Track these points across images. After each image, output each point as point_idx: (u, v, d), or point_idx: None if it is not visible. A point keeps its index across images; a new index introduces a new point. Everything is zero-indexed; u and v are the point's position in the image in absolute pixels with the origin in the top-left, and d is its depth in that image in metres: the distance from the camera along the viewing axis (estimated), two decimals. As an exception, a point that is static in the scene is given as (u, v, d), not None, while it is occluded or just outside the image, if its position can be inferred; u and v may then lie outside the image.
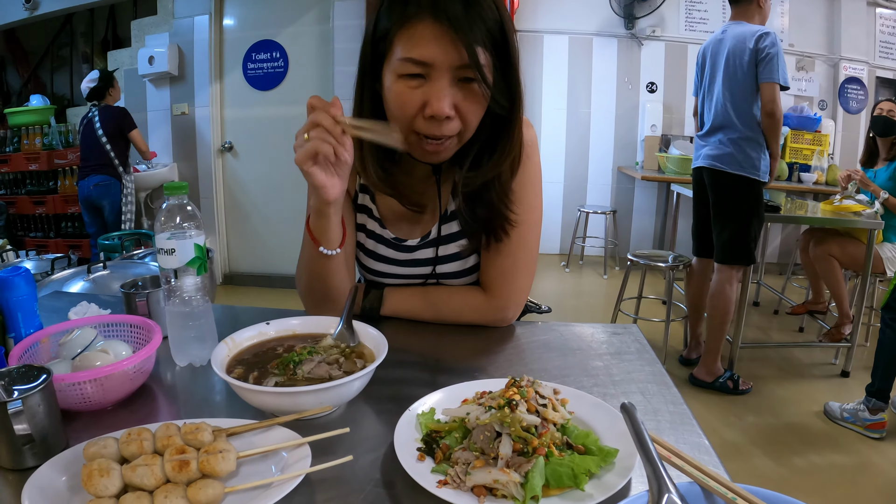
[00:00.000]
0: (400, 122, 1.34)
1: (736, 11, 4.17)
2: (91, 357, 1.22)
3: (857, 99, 7.70)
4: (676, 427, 1.13)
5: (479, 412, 1.00)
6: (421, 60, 1.27)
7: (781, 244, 7.79)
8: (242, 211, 6.89)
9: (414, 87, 1.30)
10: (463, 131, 1.35)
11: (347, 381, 1.08)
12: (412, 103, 1.30)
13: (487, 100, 1.34)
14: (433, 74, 1.28)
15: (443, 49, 1.25)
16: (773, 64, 3.88)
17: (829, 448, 3.61)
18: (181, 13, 6.52)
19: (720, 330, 4.34)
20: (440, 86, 1.28)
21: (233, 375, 1.15)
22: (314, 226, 1.38)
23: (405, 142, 1.35)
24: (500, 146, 1.44)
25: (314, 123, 1.21)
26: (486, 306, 1.58)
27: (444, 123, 1.31)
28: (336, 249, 1.40)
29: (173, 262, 1.31)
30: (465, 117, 1.33)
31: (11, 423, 0.97)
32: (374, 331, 1.29)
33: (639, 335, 1.55)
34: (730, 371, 4.44)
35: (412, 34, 1.27)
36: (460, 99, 1.30)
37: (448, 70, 1.27)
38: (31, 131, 6.63)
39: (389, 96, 1.34)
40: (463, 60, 1.26)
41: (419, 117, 1.31)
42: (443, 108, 1.27)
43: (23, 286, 1.36)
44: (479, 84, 1.29)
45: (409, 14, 1.27)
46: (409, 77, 1.30)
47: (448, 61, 1.26)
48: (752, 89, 4.01)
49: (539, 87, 7.75)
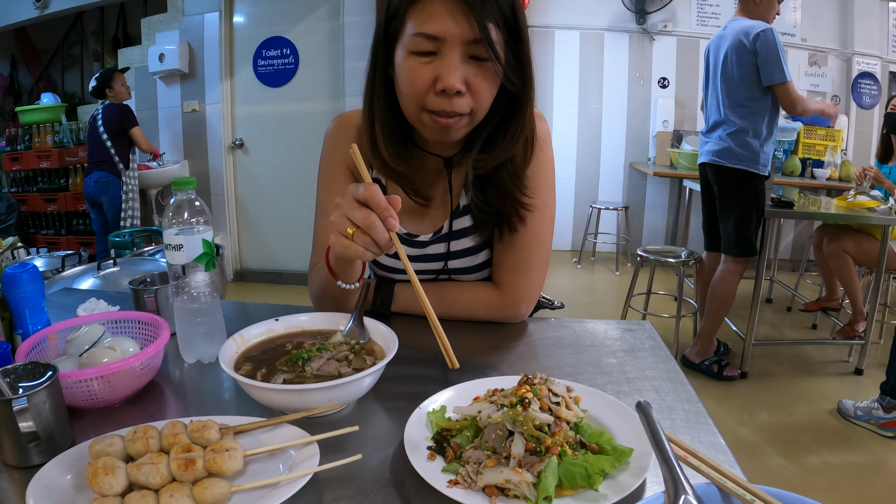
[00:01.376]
0: (411, 99, 1.33)
1: (740, 6, 4.21)
2: (98, 354, 1.20)
3: (871, 94, 7.65)
4: (692, 426, 1.11)
5: (490, 410, 0.98)
6: (433, 35, 1.25)
7: (794, 240, 7.75)
8: (253, 208, 6.91)
9: (425, 63, 1.28)
10: (475, 110, 1.33)
11: (357, 378, 1.06)
12: (423, 78, 1.29)
13: (499, 78, 1.32)
14: (444, 49, 1.27)
15: (454, 23, 1.24)
16: (775, 64, 3.92)
17: (843, 446, 3.58)
18: (191, 10, 6.54)
19: (716, 316, 4.46)
20: (451, 59, 1.26)
21: (241, 372, 1.14)
22: (335, 266, 1.33)
23: (418, 121, 1.36)
24: (512, 127, 1.43)
25: (368, 226, 1.12)
26: (499, 302, 1.57)
27: (454, 99, 1.29)
28: (355, 284, 1.36)
29: (181, 258, 1.29)
30: (477, 94, 1.31)
31: (17, 421, 0.96)
32: (384, 327, 1.28)
33: (652, 332, 1.53)
34: (718, 356, 4.52)
35: (423, 9, 1.26)
36: (472, 75, 1.29)
37: (460, 45, 1.26)
38: (43, 129, 6.65)
39: (401, 73, 1.33)
40: (475, 35, 1.24)
41: (430, 93, 1.30)
42: (454, 82, 1.26)
43: (30, 283, 1.35)
44: (491, 61, 1.28)
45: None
46: (421, 53, 1.28)
47: (460, 35, 1.25)
48: (749, 87, 4.05)
49: (550, 83, 7.72)
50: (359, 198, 1.12)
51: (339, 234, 1.15)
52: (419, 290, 1.15)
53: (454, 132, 1.36)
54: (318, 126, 6.15)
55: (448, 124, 1.33)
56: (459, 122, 1.34)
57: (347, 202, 1.14)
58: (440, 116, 1.32)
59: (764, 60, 3.92)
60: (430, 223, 1.60)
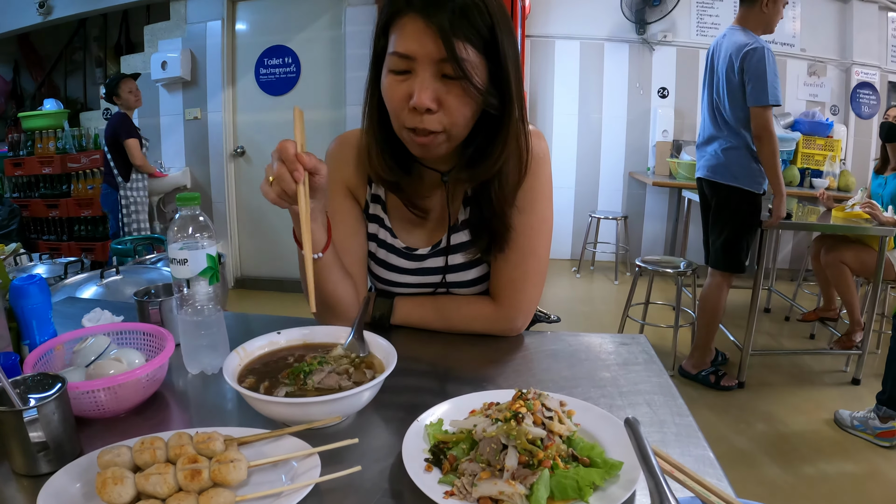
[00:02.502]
0: (392, 115, 1.39)
1: (741, 13, 4.12)
2: (105, 365, 1.24)
3: (870, 104, 7.67)
4: (682, 439, 1.14)
5: (485, 424, 1.01)
6: (404, 54, 1.31)
7: (793, 249, 7.76)
8: (254, 215, 6.94)
9: (401, 81, 1.34)
10: (449, 127, 1.37)
11: (356, 392, 1.09)
12: (398, 96, 1.34)
13: (476, 98, 1.35)
14: (416, 68, 1.31)
15: (423, 43, 1.29)
16: (760, 84, 3.85)
17: (839, 456, 3.60)
18: (194, 18, 6.57)
19: (708, 329, 4.49)
20: (421, 78, 1.31)
21: (244, 385, 1.17)
22: (296, 230, 1.39)
23: (402, 138, 1.42)
24: (494, 146, 1.45)
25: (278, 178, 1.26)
26: (496, 316, 1.59)
27: (425, 116, 1.33)
28: (318, 254, 1.41)
29: (186, 272, 1.33)
30: (450, 112, 1.34)
31: (27, 431, 0.99)
32: (384, 341, 1.30)
33: (646, 346, 1.56)
34: (714, 366, 4.54)
35: (400, 28, 1.32)
36: (444, 93, 1.32)
37: (430, 64, 1.30)
38: (45, 135, 6.66)
39: (382, 90, 1.39)
40: (442, 54, 1.28)
41: (405, 111, 1.34)
42: (422, 99, 1.30)
43: (37, 294, 1.38)
44: (461, 79, 1.31)
45: (398, 8, 1.32)
46: (397, 72, 1.34)
47: (429, 55, 1.29)
48: (739, 105, 4.02)
49: (550, 93, 7.77)
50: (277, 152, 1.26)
51: (265, 181, 1.27)
52: None
53: (432, 149, 1.40)
54: (320, 135, 6.19)
55: (424, 142, 1.37)
56: (435, 139, 1.37)
57: (273, 158, 1.27)
58: (416, 134, 1.36)
59: (750, 80, 3.87)
60: (428, 237, 1.63)
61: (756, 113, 3.90)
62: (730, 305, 4.91)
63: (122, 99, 5.84)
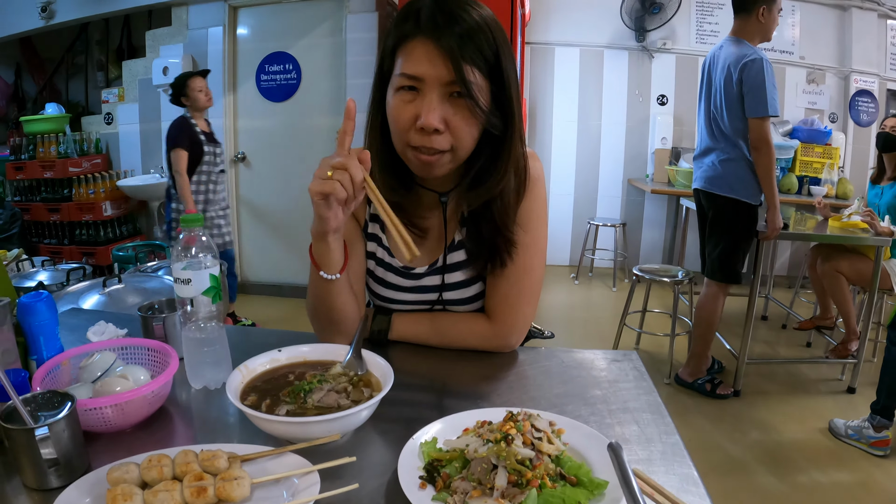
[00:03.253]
0: (396, 135, 1.43)
1: (737, 24, 4.15)
2: (111, 382, 1.27)
3: (868, 111, 7.70)
4: (668, 458, 1.17)
5: (477, 444, 1.05)
6: (413, 75, 1.35)
7: (791, 256, 7.79)
8: (254, 221, 6.98)
9: (408, 101, 1.38)
10: (456, 147, 1.41)
11: (354, 411, 1.13)
12: (406, 116, 1.38)
13: (480, 119, 1.40)
14: (424, 89, 1.36)
15: (433, 65, 1.34)
16: (759, 96, 3.87)
17: (833, 465, 3.64)
18: (195, 24, 6.62)
19: (704, 338, 4.53)
20: (429, 99, 1.35)
21: (246, 403, 1.21)
22: (316, 251, 1.43)
23: (405, 157, 1.45)
24: (497, 166, 1.50)
25: (343, 167, 1.26)
26: (491, 333, 1.63)
27: (433, 136, 1.37)
28: (336, 274, 1.45)
29: (189, 292, 1.37)
30: (456, 132, 1.39)
31: (39, 448, 1.03)
32: (382, 360, 1.34)
33: (637, 363, 1.59)
34: (710, 374, 4.56)
35: (409, 51, 1.36)
36: (451, 114, 1.37)
37: (438, 85, 1.35)
38: (47, 139, 6.69)
39: (388, 110, 1.43)
40: (451, 77, 1.34)
41: (412, 130, 1.38)
42: (430, 120, 1.34)
43: (45, 311, 1.42)
44: (468, 100, 1.36)
45: (407, 32, 1.37)
46: (405, 90, 1.38)
47: (437, 77, 1.34)
48: (737, 116, 4.04)
49: (550, 99, 7.81)
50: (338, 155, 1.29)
51: (319, 178, 1.28)
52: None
53: (436, 168, 1.44)
54: (320, 141, 6.25)
55: (429, 161, 1.41)
56: (441, 158, 1.42)
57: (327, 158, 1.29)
58: (421, 153, 1.40)
59: (748, 91, 3.90)
60: (425, 256, 1.67)
61: (754, 124, 3.93)
62: (727, 313, 4.95)
63: (191, 99, 5.28)
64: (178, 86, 5.26)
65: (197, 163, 5.25)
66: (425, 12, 1.36)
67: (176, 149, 5.13)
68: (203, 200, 5.37)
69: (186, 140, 5.17)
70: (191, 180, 5.22)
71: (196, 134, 5.23)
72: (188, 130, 5.21)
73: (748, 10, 4.04)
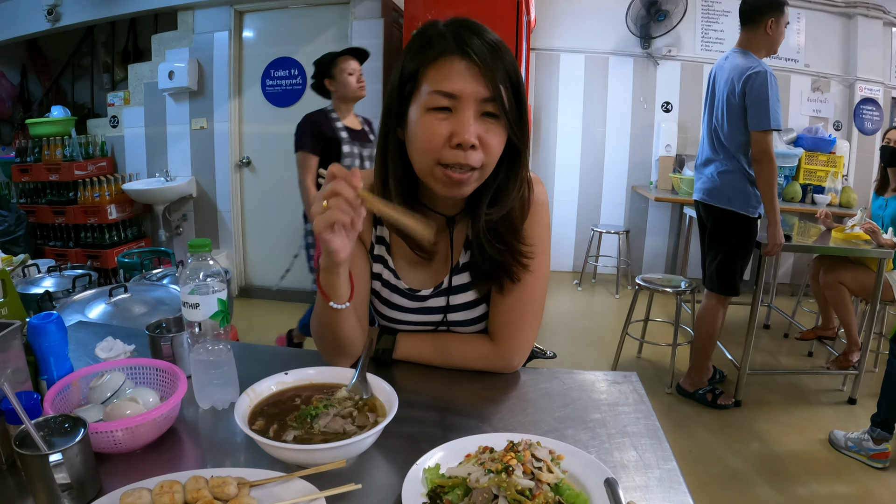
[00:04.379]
0: (427, 154, 1.43)
1: (743, 36, 4.16)
2: (122, 406, 1.30)
3: (873, 120, 7.70)
4: (665, 484, 1.19)
5: (479, 474, 1.08)
6: (450, 93, 1.37)
7: (794, 264, 7.81)
8: (259, 225, 7.00)
9: (441, 119, 1.39)
10: (485, 165, 1.44)
11: (359, 439, 1.16)
12: (440, 134, 1.39)
13: (506, 134, 1.43)
14: (460, 106, 1.38)
15: (470, 82, 1.37)
16: (762, 109, 3.88)
17: (832, 477, 3.65)
18: (201, 29, 6.65)
19: (704, 349, 4.55)
20: (467, 116, 1.38)
21: (254, 428, 1.24)
22: (324, 282, 1.44)
23: (431, 176, 1.46)
24: (513, 178, 1.53)
25: (334, 193, 1.27)
26: (493, 355, 1.66)
27: (469, 153, 1.39)
28: (345, 304, 1.46)
29: (198, 316, 1.40)
30: (488, 149, 1.41)
31: (52, 473, 1.06)
32: (387, 386, 1.36)
33: (637, 385, 1.62)
34: (711, 384, 4.58)
35: (440, 69, 1.39)
36: (483, 131, 1.40)
37: (474, 102, 1.38)
38: (52, 142, 6.70)
39: (417, 129, 1.43)
40: (488, 94, 1.37)
41: (446, 147, 1.40)
42: (469, 136, 1.37)
43: (55, 332, 1.44)
44: (501, 117, 1.40)
45: (437, 52, 1.39)
46: (438, 110, 1.40)
47: (474, 94, 1.37)
48: (738, 128, 4.06)
49: (555, 106, 7.83)
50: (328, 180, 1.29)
51: (316, 213, 1.29)
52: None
53: (465, 186, 1.46)
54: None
55: (461, 179, 1.43)
56: (472, 176, 1.44)
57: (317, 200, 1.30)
58: (453, 171, 1.42)
59: (751, 104, 3.90)
60: (431, 279, 1.70)
61: (757, 137, 3.94)
62: (729, 322, 4.97)
63: (337, 82, 4.33)
64: (324, 65, 4.38)
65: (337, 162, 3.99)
66: (449, 33, 1.39)
67: (300, 151, 4.28)
68: None
69: (317, 140, 4.26)
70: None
71: (335, 130, 4.29)
72: (322, 127, 4.28)
73: (756, 22, 4.05)
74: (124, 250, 6.06)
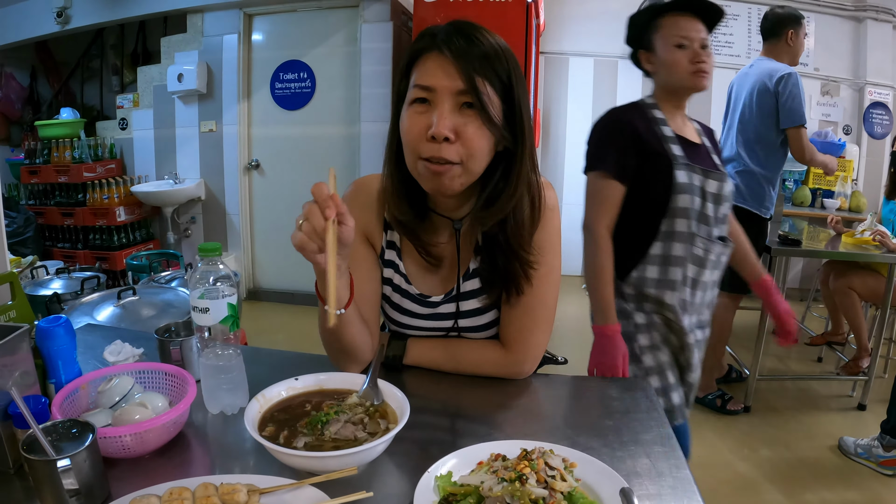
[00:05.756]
0: (408, 147, 1.45)
1: (766, 48, 4.30)
2: (130, 410, 1.29)
3: (882, 124, 7.65)
4: (678, 492, 1.18)
5: (492, 482, 1.07)
6: (425, 86, 1.40)
7: (804, 269, 7.76)
8: (267, 228, 7.00)
9: (421, 112, 1.41)
10: (466, 160, 1.42)
11: (371, 446, 1.15)
12: (418, 127, 1.41)
13: (491, 129, 1.42)
14: (436, 99, 1.39)
15: (444, 75, 1.38)
16: (795, 106, 4.00)
17: (842, 484, 3.62)
18: (210, 31, 6.65)
19: (714, 351, 4.51)
20: (441, 109, 1.38)
21: (264, 434, 1.23)
22: (320, 286, 1.41)
23: (416, 171, 1.47)
24: (508, 185, 1.52)
25: (306, 217, 1.27)
26: (505, 361, 1.65)
27: (444, 145, 1.39)
28: (341, 310, 1.43)
29: (207, 320, 1.39)
30: (468, 143, 1.40)
31: (60, 479, 1.05)
32: (398, 392, 1.35)
33: (650, 392, 1.60)
34: (721, 390, 4.56)
35: (422, 64, 1.42)
36: (461, 124, 1.39)
37: (449, 95, 1.38)
38: (62, 144, 6.70)
39: (402, 125, 1.46)
40: (462, 86, 1.37)
41: (422, 140, 1.40)
42: (441, 128, 1.37)
43: (63, 336, 1.43)
44: (478, 108, 1.39)
45: (421, 48, 1.43)
46: (418, 103, 1.42)
47: (449, 87, 1.38)
48: (765, 128, 4.14)
49: (564, 109, 7.80)
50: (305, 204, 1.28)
51: (296, 229, 1.29)
52: None
53: (447, 180, 1.44)
54: (334, 150, 6.28)
55: (439, 171, 1.42)
56: (451, 170, 1.42)
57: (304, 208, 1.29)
58: (432, 163, 1.41)
59: (785, 103, 4.00)
60: (441, 285, 1.68)
61: (793, 133, 4.07)
62: (738, 327, 4.94)
63: (658, 60, 2.63)
64: (639, 28, 2.64)
65: (658, 204, 2.46)
66: (441, 33, 1.41)
67: (595, 172, 2.61)
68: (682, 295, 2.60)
69: (627, 154, 2.49)
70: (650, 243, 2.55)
71: (659, 140, 2.45)
72: (639, 131, 2.48)
73: (777, 34, 4.23)
74: (132, 252, 6.04)
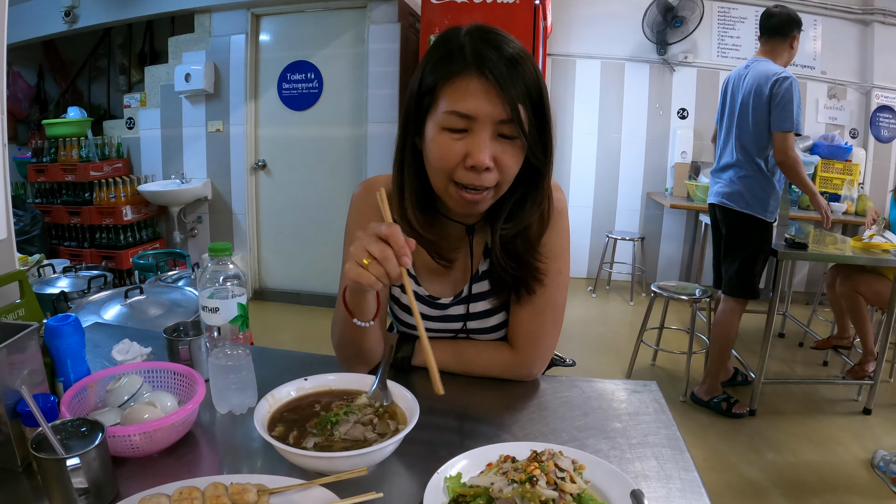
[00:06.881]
0: (441, 172, 1.41)
1: (767, 47, 4.22)
2: (139, 410, 1.29)
3: (889, 127, 7.63)
4: (686, 495, 1.18)
5: (502, 484, 1.06)
6: (465, 113, 1.34)
7: (810, 272, 7.75)
8: (274, 228, 7.00)
9: (456, 139, 1.37)
10: (500, 184, 1.42)
11: (380, 447, 1.15)
12: (454, 154, 1.37)
13: (524, 154, 1.41)
14: (475, 127, 1.35)
15: (486, 103, 1.33)
16: (786, 111, 3.94)
17: (847, 490, 3.60)
18: (218, 32, 6.66)
19: (720, 355, 4.52)
20: (482, 138, 1.35)
21: (274, 434, 1.23)
22: (350, 301, 1.41)
23: (445, 192, 1.44)
24: (532, 197, 1.51)
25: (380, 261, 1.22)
26: (513, 362, 1.65)
27: (483, 174, 1.37)
28: (370, 322, 1.44)
29: (217, 320, 1.38)
30: (504, 170, 1.39)
31: (69, 478, 1.05)
32: (408, 393, 1.35)
33: (657, 394, 1.60)
34: (726, 393, 4.55)
35: (457, 88, 1.35)
36: (499, 152, 1.37)
37: (490, 124, 1.35)
38: (69, 143, 6.71)
39: (432, 147, 1.41)
40: (505, 115, 1.33)
41: (460, 168, 1.38)
42: (483, 159, 1.34)
43: (72, 334, 1.43)
44: (519, 139, 1.37)
45: (454, 70, 1.36)
46: (453, 130, 1.37)
47: (491, 115, 1.34)
48: (762, 132, 4.09)
49: (571, 112, 7.81)
50: (380, 234, 1.21)
51: (355, 262, 1.23)
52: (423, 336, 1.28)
53: (480, 205, 1.44)
54: (341, 151, 6.28)
55: (474, 199, 1.41)
56: (486, 195, 1.42)
57: (367, 236, 1.23)
58: (467, 191, 1.40)
59: (777, 105, 3.95)
60: (451, 287, 1.69)
61: (778, 138, 3.99)
62: (744, 331, 4.94)
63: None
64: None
65: None
66: (470, 48, 1.36)
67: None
68: None
69: None
70: None
71: None
72: None
73: (784, 35, 4.16)
74: (139, 252, 6.06)
